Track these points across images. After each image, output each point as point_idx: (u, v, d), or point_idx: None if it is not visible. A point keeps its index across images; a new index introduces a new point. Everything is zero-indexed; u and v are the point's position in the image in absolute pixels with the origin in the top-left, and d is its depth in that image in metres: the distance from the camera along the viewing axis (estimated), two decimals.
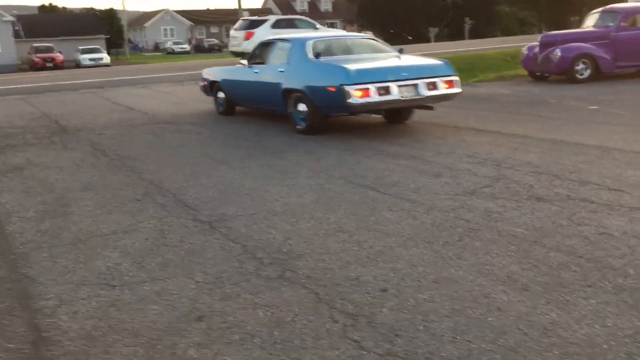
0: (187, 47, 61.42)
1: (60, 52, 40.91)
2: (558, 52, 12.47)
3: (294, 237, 4.00)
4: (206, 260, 3.65)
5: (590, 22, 13.53)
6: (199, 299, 3.13)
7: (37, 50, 40.65)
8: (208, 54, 52.31)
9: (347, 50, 8.52)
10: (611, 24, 12.76)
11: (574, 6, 50.89)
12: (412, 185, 5.13)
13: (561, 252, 3.52)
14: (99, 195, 5.25)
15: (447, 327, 2.73)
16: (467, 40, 43.43)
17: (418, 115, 8.43)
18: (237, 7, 40.67)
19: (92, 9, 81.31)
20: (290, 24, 20.44)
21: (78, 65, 39.49)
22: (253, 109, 9.77)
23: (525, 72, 14.09)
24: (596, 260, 3.38)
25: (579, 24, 20.48)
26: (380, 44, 9.09)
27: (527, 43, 14.48)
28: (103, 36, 52.20)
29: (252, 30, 19.68)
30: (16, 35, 44.88)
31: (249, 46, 16.27)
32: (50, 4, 75.09)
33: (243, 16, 37.93)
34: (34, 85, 18.04)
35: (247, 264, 3.57)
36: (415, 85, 7.31)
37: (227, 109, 9.97)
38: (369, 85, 7.02)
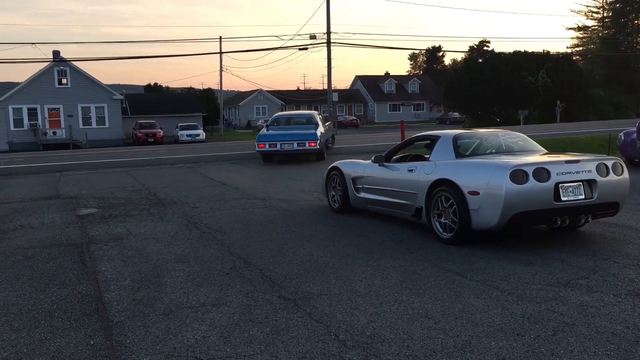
0: None
1: (161, 128, 43.91)
2: None
3: (377, 320, 3.96)
4: (290, 339, 3.68)
5: None
6: None
7: (141, 126, 43.92)
8: None
9: (285, 122, 17.74)
10: None
11: None
12: (501, 273, 4.98)
13: None
14: (190, 267, 5.47)
15: None
16: (558, 122, 42.51)
17: None
18: (326, 87, 42.32)
19: (191, 88, 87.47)
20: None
21: (176, 140, 42.10)
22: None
23: (622, 158, 13.53)
24: None
25: None
26: (315, 118, 17.57)
27: (623, 128, 13.99)
28: (201, 114, 55.58)
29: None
30: (123, 112, 48.78)
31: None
32: (156, 84, 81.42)
33: (332, 97, 39.31)
34: (136, 159, 19.32)
35: (330, 345, 3.56)
36: (292, 143, 16.08)
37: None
38: (265, 142, 16.30)
